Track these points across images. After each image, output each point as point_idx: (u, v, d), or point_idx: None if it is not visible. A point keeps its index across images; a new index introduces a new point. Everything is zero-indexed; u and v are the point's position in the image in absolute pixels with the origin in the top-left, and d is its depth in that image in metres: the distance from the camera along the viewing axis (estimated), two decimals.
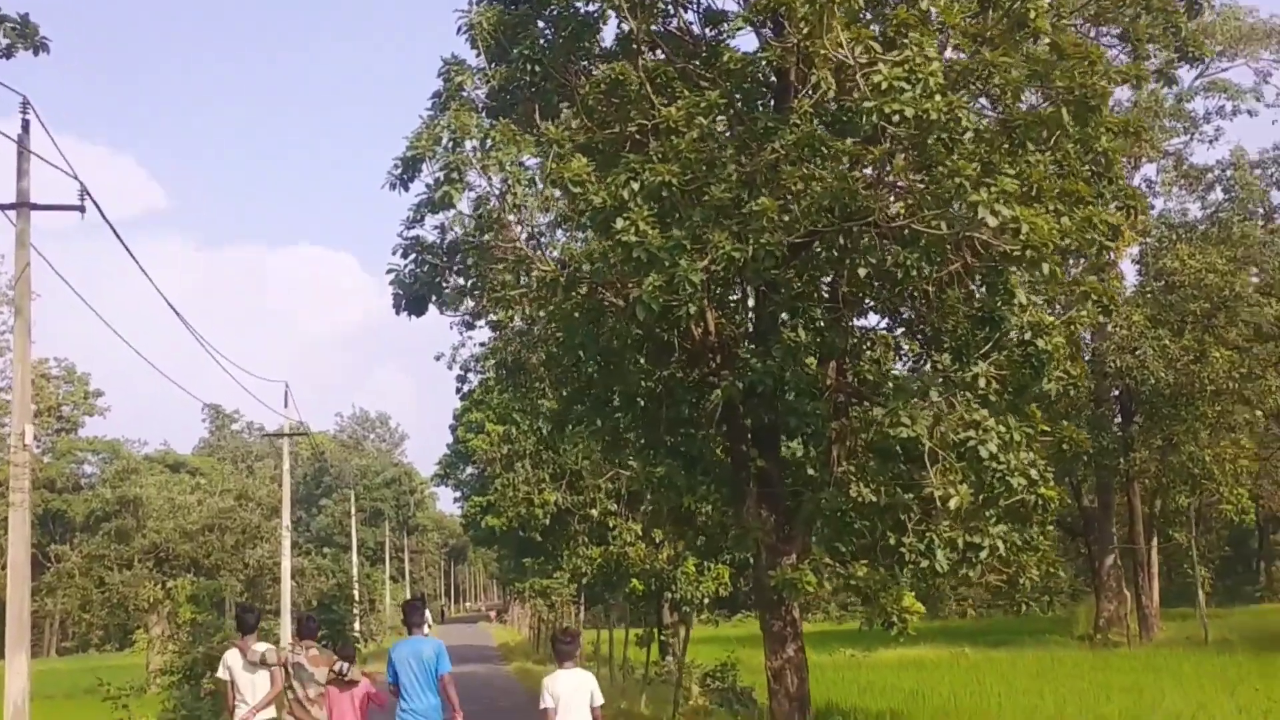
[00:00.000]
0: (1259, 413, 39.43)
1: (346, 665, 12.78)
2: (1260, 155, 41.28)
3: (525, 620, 63.42)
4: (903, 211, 14.00)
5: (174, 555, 49.93)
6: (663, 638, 32.46)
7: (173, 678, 24.23)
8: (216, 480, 64.35)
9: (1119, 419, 42.29)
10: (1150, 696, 21.46)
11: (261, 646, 12.69)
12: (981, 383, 14.04)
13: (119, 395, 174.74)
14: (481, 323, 31.29)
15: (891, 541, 15.46)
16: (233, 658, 12.63)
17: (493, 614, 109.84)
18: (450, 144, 14.79)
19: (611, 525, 30.48)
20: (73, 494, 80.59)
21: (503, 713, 23.32)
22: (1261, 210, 41.59)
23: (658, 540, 29.49)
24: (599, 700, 11.08)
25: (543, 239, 17.88)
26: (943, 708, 22.05)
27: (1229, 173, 40.63)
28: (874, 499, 15.15)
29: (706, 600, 30.06)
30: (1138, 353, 36.93)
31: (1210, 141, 42.56)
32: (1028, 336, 15.18)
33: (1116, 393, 42.08)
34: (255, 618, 13.15)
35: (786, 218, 13.68)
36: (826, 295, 16.88)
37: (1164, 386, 37.41)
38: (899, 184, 14.31)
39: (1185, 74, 37.80)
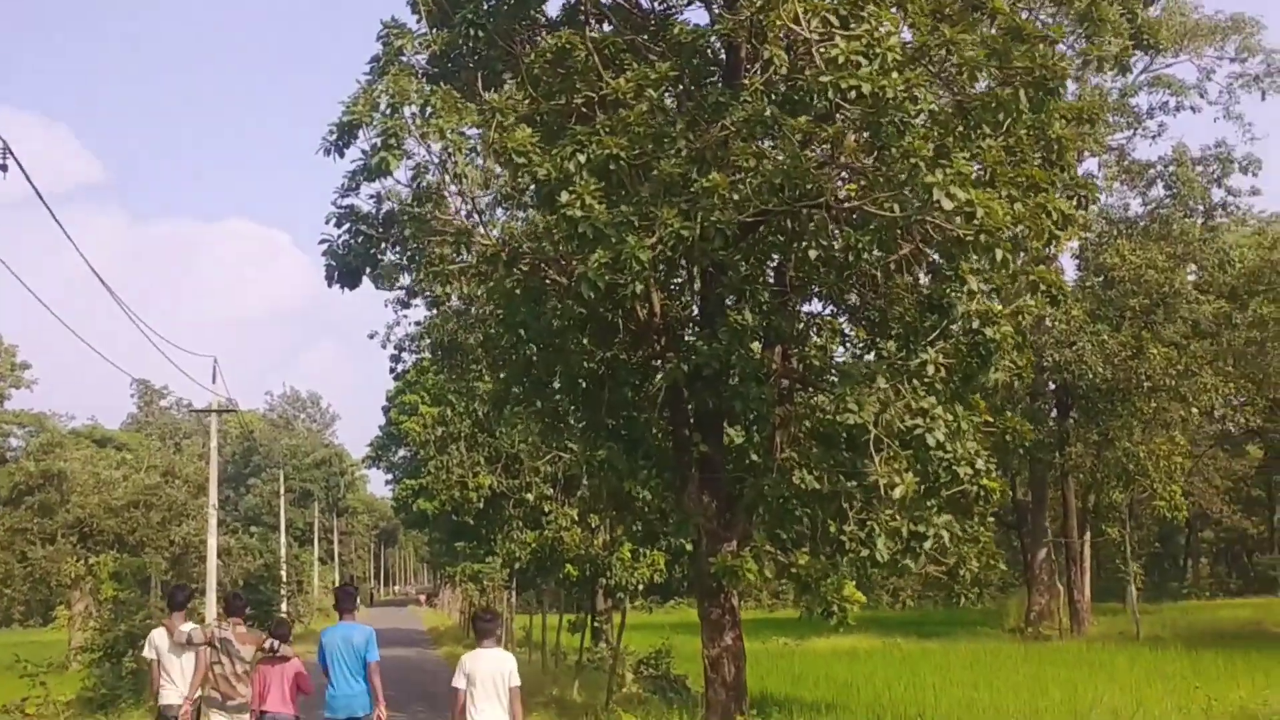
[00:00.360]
0: (1194, 410, 39.70)
1: (278, 643, 12.56)
2: (1202, 152, 41.40)
3: (456, 604, 62.84)
4: (854, 193, 13.70)
5: (98, 531, 48.80)
6: (596, 624, 32.11)
7: (94, 655, 23.66)
8: (143, 456, 63.17)
9: (1055, 413, 42.46)
10: (1086, 691, 21.38)
11: (188, 626, 12.52)
12: (930, 370, 13.73)
13: (47, 369, 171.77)
14: (417, 301, 30.73)
15: (832, 530, 15.18)
16: (159, 637, 12.43)
17: (423, 598, 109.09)
18: (388, 109, 14.25)
19: (547, 510, 29.99)
20: None
21: (432, 698, 22.82)
22: (1202, 207, 41.75)
23: (594, 525, 29.09)
24: (516, 681, 10.80)
25: (483, 217, 17.43)
26: (878, 700, 21.85)
27: (1170, 169, 40.72)
28: (817, 486, 14.84)
29: (641, 587, 29.72)
30: (1075, 347, 37.05)
31: (1153, 137, 42.79)
32: (975, 325, 14.89)
33: (1053, 387, 42.26)
34: (186, 596, 12.98)
35: (736, 196, 13.31)
36: (773, 280, 16.57)
37: (1101, 381, 37.54)
38: (851, 165, 13.99)
39: (1132, 66, 37.86)
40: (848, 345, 17.58)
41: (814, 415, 15.41)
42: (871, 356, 16.31)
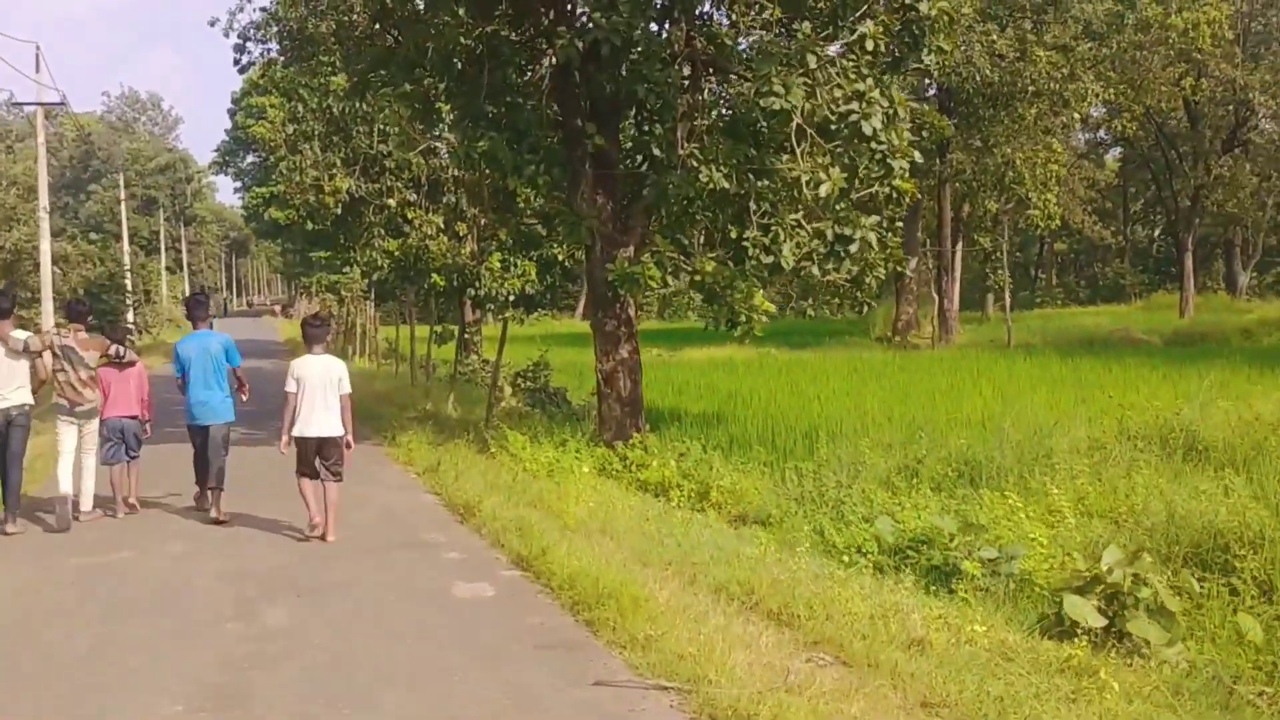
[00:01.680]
0: (1075, 115, 38.86)
1: (121, 348, 12.45)
2: None
3: None
4: None
5: None
6: (465, 335, 30.78)
7: None
8: None
9: None
10: (973, 399, 20.76)
11: (22, 334, 11.57)
12: (869, 45, 12.04)
13: None
14: None
15: (734, 235, 13.76)
16: None
17: (278, 309, 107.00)
18: None
19: (410, 216, 28.02)
20: None
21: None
22: None
23: (460, 234, 27.38)
24: (346, 389, 10.77)
25: None
26: (765, 410, 20.98)
27: None
28: (726, 185, 13.25)
29: (511, 298, 28.36)
30: (964, 48, 35.52)
31: None
32: (908, 1, 13.21)
33: (934, 91, 40.95)
34: (9, 303, 11.73)
35: None
36: None
37: (985, 85, 36.31)
38: None
39: None
40: (757, 25, 15.66)
41: (720, 105, 13.73)
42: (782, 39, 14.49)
